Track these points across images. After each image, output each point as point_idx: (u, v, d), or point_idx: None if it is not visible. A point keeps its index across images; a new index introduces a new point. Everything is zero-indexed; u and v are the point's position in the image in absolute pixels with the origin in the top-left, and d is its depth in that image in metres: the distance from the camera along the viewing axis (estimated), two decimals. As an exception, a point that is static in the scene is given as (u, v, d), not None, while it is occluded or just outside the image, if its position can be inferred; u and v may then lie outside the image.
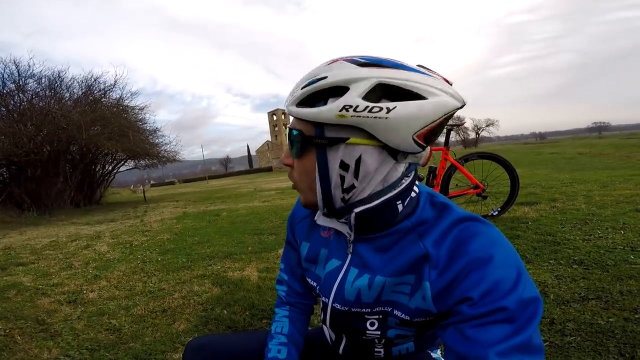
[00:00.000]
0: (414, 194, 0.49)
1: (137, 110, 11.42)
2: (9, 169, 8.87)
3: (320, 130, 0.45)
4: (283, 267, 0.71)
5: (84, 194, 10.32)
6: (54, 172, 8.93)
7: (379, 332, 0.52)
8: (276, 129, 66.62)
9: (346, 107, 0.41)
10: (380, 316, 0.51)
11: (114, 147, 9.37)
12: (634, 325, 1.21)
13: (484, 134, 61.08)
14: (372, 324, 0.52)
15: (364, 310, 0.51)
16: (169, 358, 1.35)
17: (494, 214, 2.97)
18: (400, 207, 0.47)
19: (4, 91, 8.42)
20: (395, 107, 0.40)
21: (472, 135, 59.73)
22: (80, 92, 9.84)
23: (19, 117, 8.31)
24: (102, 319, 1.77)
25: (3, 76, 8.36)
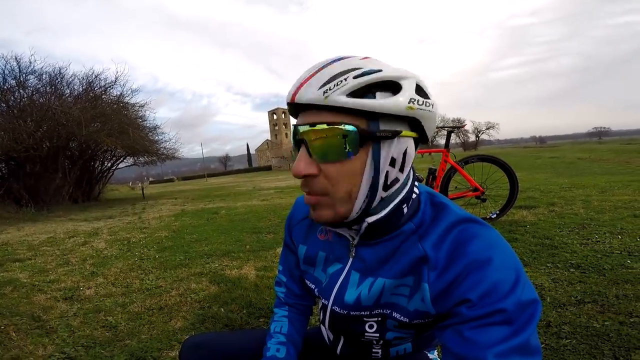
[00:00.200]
0: (414, 195, 0.49)
1: (138, 108, 11.39)
2: (7, 165, 8.85)
3: (376, 124, 0.43)
4: (281, 268, 0.71)
5: (82, 190, 10.29)
6: (52, 168, 8.91)
7: (377, 334, 0.52)
8: (276, 128, 66.59)
9: (412, 100, 0.43)
10: (379, 318, 0.51)
11: (113, 144, 9.35)
12: (629, 329, 1.22)
13: (484, 136, 61.16)
14: (370, 326, 0.52)
15: (363, 313, 0.51)
16: (165, 356, 1.35)
17: (492, 217, 2.97)
18: (405, 210, 0.48)
19: (5, 87, 8.40)
20: (434, 103, 0.46)
21: (472, 138, 59.85)
22: (81, 89, 9.82)
23: (19, 113, 8.28)
24: (98, 315, 1.77)
25: (4, 72, 8.36)
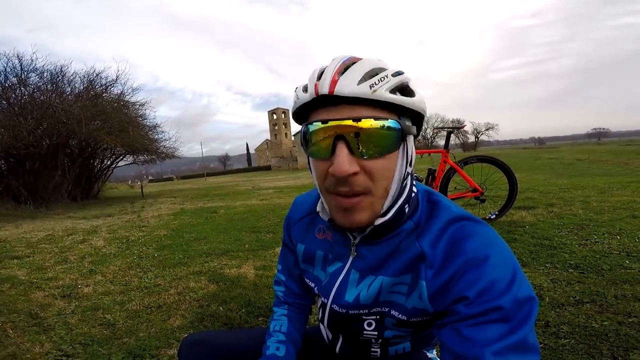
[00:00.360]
0: (413, 194, 0.49)
1: (138, 106, 11.42)
2: (7, 162, 8.83)
3: (404, 121, 0.43)
4: (280, 268, 0.71)
5: (81, 188, 10.28)
6: (52, 166, 8.90)
7: (376, 333, 0.53)
8: (276, 127, 66.55)
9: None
10: (377, 317, 0.51)
11: (113, 142, 9.34)
12: (627, 328, 1.22)
13: (483, 137, 61.22)
14: (369, 325, 0.52)
15: (361, 311, 0.51)
16: (163, 354, 1.34)
17: (491, 217, 2.97)
18: (406, 209, 0.48)
19: (6, 84, 8.39)
20: None
21: (471, 139, 59.89)
22: (82, 87, 9.82)
23: (20, 111, 8.27)
24: (96, 313, 1.77)
25: (5, 70, 8.35)
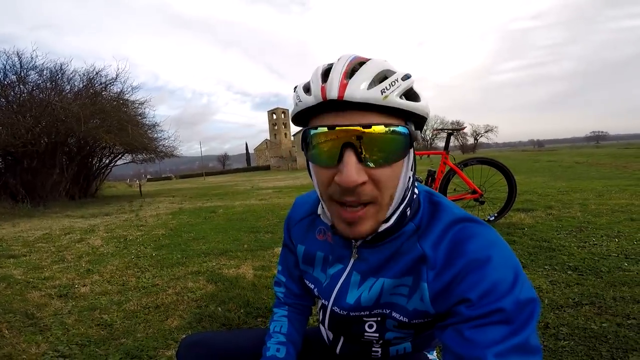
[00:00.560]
0: (415, 196, 0.49)
1: (137, 105, 11.42)
2: (4, 160, 8.79)
3: (410, 126, 0.42)
4: (280, 269, 0.71)
5: (79, 186, 10.24)
6: (50, 164, 8.86)
7: (377, 334, 0.52)
8: (275, 127, 66.59)
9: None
10: (378, 318, 0.51)
11: (112, 141, 9.32)
12: (626, 330, 1.22)
13: (482, 139, 61.43)
14: (370, 326, 0.52)
15: (362, 313, 0.51)
16: (161, 355, 1.33)
17: (490, 219, 2.98)
18: (408, 212, 0.47)
19: (5, 82, 8.36)
20: None
21: (470, 141, 60.07)
22: (81, 85, 9.81)
23: (18, 109, 8.24)
24: (93, 313, 1.75)
25: (5, 67, 8.33)
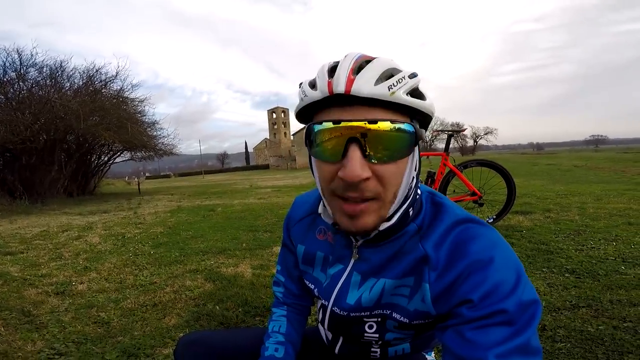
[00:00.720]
0: (417, 196, 0.49)
1: (137, 102, 11.37)
2: (3, 156, 8.75)
3: (416, 124, 0.42)
4: (280, 268, 0.71)
5: (77, 183, 10.21)
6: (49, 161, 8.83)
7: (377, 335, 0.52)
8: (275, 126, 66.57)
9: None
10: (379, 319, 0.51)
11: (111, 138, 9.30)
12: (622, 333, 1.23)
13: (482, 142, 61.51)
14: (370, 327, 0.52)
15: (363, 314, 0.51)
16: (158, 353, 1.33)
17: (489, 221, 2.98)
18: (410, 212, 0.47)
19: (4, 79, 8.33)
20: None
21: (470, 143, 60.16)
22: (81, 82, 9.76)
23: (18, 105, 8.21)
24: (90, 311, 1.75)
25: (4, 64, 8.29)
